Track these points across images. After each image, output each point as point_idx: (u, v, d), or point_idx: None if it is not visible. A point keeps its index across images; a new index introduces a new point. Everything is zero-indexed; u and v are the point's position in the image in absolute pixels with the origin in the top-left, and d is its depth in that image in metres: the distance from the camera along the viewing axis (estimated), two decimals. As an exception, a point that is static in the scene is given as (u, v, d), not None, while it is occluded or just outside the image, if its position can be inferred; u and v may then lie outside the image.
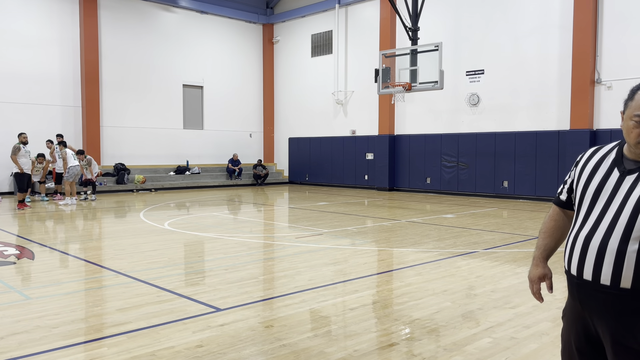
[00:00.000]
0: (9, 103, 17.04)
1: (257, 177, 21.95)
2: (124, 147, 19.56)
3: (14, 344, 3.99)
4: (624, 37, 13.82)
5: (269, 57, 23.50)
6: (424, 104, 18.10)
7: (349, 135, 20.74)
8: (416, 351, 3.89)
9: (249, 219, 12.19)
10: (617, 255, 1.89)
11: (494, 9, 16.25)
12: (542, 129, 15.29)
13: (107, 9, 18.97)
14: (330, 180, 21.40)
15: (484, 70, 16.53)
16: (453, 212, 12.72)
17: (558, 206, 2.28)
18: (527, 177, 15.55)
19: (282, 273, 6.52)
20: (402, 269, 6.68)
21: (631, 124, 1.97)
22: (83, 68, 18.38)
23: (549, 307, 4.92)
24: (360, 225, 10.58)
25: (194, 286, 5.78)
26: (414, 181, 18.52)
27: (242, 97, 22.98)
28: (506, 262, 6.96)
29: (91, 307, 5.07)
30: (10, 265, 6.79)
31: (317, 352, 3.86)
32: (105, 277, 6.23)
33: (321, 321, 4.58)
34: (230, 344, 3.99)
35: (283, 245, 8.57)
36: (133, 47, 19.60)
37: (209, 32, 21.78)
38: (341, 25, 20.71)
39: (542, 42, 15.23)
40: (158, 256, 7.41)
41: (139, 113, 19.90)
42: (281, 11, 23.12)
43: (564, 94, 14.87)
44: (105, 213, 12.86)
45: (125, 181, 18.72)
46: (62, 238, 9.27)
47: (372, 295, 5.49)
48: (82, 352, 3.89)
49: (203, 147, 21.86)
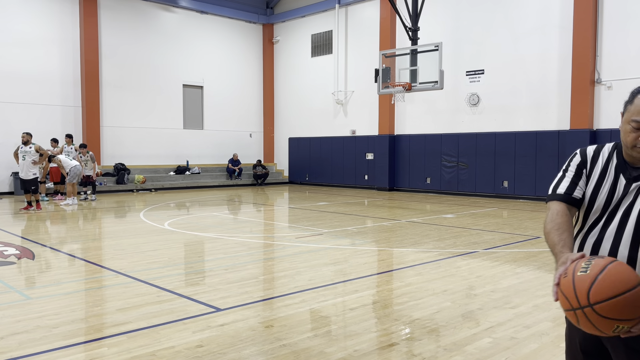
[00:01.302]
0: (9, 103, 17.05)
1: (257, 177, 21.96)
2: (124, 147, 19.57)
3: (14, 344, 3.99)
4: (624, 37, 13.82)
5: (269, 57, 23.50)
6: (424, 104, 18.10)
7: (349, 135, 20.74)
8: (416, 351, 3.89)
9: (249, 219, 12.19)
10: (627, 261, 1.92)
11: (494, 9, 16.25)
12: (542, 129, 15.29)
13: (107, 9, 18.97)
14: (331, 180, 21.40)
15: (484, 70, 16.53)
16: (453, 212, 12.72)
17: (567, 203, 2.08)
18: (527, 177, 15.54)
19: (282, 273, 6.52)
20: (402, 269, 6.68)
21: (628, 128, 1.98)
22: (83, 68, 18.38)
23: (549, 307, 4.92)
24: (360, 225, 10.58)
25: (194, 286, 5.78)
26: (414, 181, 18.52)
27: (242, 97, 22.98)
28: (506, 262, 6.96)
29: (91, 307, 5.06)
30: (10, 265, 6.78)
31: (317, 352, 3.86)
32: (105, 277, 6.23)
33: (321, 321, 4.58)
34: (230, 344, 3.99)
35: (283, 245, 8.57)
36: (133, 47, 19.61)
37: (209, 32, 21.79)
38: (341, 25, 20.71)
39: (542, 42, 15.23)
40: (158, 256, 7.41)
41: (139, 113, 19.90)
42: (281, 11, 23.12)
43: (564, 94, 14.87)
44: (105, 213, 12.86)
45: (125, 181, 18.73)
46: (62, 238, 9.27)
47: (372, 295, 5.49)
48: (82, 352, 3.89)
49: (203, 147, 21.86)
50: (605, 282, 1.66)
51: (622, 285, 1.65)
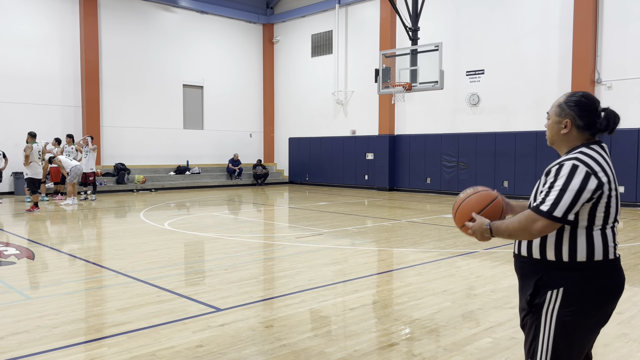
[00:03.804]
0: (9, 103, 17.05)
1: (257, 177, 21.95)
2: (124, 147, 19.57)
3: (14, 344, 3.99)
4: (624, 37, 13.82)
5: (269, 57, 23.50)
6: (424, 104, 18.10)
7: (349, 135, 20.73)
8: (416, 351, 3.89)
9: (249, 219, 12.19)
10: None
11: (494, 9, 16.25)
12: (542, 129, 15.26)
13: (107, 8, 18.97)
14: (331, 180, 21.40)
15: (484, 70, 16.53)
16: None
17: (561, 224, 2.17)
18: (527, 177, 15.54)
19: (282, 273, 6.52)
20: (402, 269, 6.68)
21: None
22: (83, 68, 18.38)
23: (549, 307, 4.91)
24: (360, 225, 10.58)
25: (194, 286, 5.78)
26: (414, 181, 18.52)
27: (242, 97, 22.98)
28: (506, 262, 6.96)
29: (91, 307, 5.06)
30: (11, 265, 6.79)
31: (317, 352, 3.86)
32: (106, 277, 6.23)
33: (321, 321, 4.58)
34: (230, 344, 3.99)
35: (283, 245, 8.57)
36: (133, 47, 19.61)
37: (209, 32, 21.79)
38: (341, 25, 20.72)
39: (542, 42, 15.23)
40: (158, 256, 7.41)
41: (139, 113, 19.90)
42: (281, 11, 23.12)
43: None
44: (106, 213, 12.86)
45: (125, 181, 18.73)
46: (62, 238, 9.27)
47: (372, 295, 5.48)
48: (82, 352, 3.89)
49: (203, 147, 21.86)
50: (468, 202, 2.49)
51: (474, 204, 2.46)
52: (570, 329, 2.19)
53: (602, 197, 2.16)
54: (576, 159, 2.18)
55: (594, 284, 2.17)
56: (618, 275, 2.24)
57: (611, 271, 2.21)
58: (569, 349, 2.21)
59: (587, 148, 2.26)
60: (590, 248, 2.17)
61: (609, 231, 2.21)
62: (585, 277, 2.17)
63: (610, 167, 2.23)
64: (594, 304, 2.18)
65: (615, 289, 2.22)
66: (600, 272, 2.18)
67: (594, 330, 2.24)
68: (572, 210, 2.12)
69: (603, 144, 2.30)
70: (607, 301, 2.20)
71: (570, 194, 2.11)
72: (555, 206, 2.12)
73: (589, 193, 2.12)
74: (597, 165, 2.18)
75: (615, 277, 2.22)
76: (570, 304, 2.17)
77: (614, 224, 2.25)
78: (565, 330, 2.19)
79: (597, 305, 2.19)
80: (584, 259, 2.17)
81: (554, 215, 2.12)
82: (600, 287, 2.18)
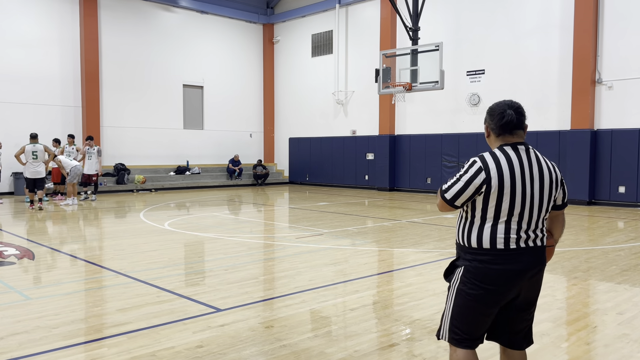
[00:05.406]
0: (9, 103, 17.05)
1: (257, 177, 21.95)
2: (124, 147, 19.57)
3: (14, 344, 3.99)
4: (625, 37, 13.81)
5: (269, 57, 23.50)
6: (424, 104, 18.10)
7: (349, 135, 20.73)
8: (417, 352, 3.89)
9: (249, 219, 12.18)
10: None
11: (494, 9, 16.24)
12: (542, 129, 15.28)
13: (107, 8, 18.97)
14: (331, 180, 21.40)
15: (484, 70, 16.52)
16: (453, 212, 12.69)
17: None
18: (528, 177, 15.51)
19: (282, 273, 6.51)
20: (402, 269, 6.67)
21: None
22: (83, 68, 18.38)
23: (550, 308, 4.91)
24: (360, 226, 10.57)
25: (194, 286, 5.78)
26: (415, 181, 18.52)
27: (242, 97, 22.98)
28: (507, 262, 6.94)
29: (91, 307, 5.06)
30: (11, 265, 6.78)
31: (318, 352, 3.86)
32: (105, 277, 6.23)
33: (321, 321, 4.57)
34: (230, 345, 3.99)
35: (283, 245, 8.56)
36: (133, 47, 19.61)
37: (209, 32, 21.79)
38: (341, 25, 20.71)
39: (542, 42, 15.23)
40: (158, 256, 7.41)
41: (139, 113, 19.90)
42: (281, 11, 23.12)
43: (564, 94, 14.87)
44: (106, 213, 12.86)
45: (125, 181, 18.72)
46: (63, 238, 9.27)
47: (373, 295, 5.48)
48: (82, 352, 3.88)
49: (203, 147, 21.86)
50: None
51: None
52: (463, 298, 2.61)
53: (490, 192, 2.49)
54: (479, 156, 2.58)
55: (483, 267, 2.56)
56: (503, 263, 2.53)
57: (498, 259, 2.54)
58: (463, 317, 2.63)
59: (498, 149, 2.60)
60: (479, 238, 2.57)
61: (501, 226, 2.53)
62: (478, 260, 2.58)
63: (520, 167, 2.50)
64: (483, 282, 2.56)
65: (495, 276, 2.54)
66: (488, 259, 2.55)
67: (488, 305, 2.58)
68: (459, 197, 2.57)
69: (521, 146, 2.58)
70: (492, 283, 2.55)
71: (460, 183, 2.56)
72: (448, 189, 2.62)
73: (475, 186, 2.51)
74: (495, 163, 2.51)
75: (500, 265, 2.53)
76: (465, 279, 2.61)
77: (511, 219, 2.53)
78: (459, 300, 2.63)
79: (485, 284, 2.55)
80: (476, 246, 2.58)
81: (445, 197, 2.64)
82: (487, 270, 2.56)
